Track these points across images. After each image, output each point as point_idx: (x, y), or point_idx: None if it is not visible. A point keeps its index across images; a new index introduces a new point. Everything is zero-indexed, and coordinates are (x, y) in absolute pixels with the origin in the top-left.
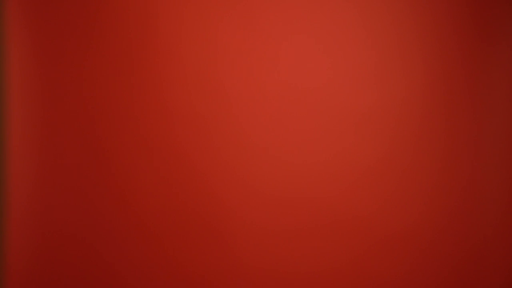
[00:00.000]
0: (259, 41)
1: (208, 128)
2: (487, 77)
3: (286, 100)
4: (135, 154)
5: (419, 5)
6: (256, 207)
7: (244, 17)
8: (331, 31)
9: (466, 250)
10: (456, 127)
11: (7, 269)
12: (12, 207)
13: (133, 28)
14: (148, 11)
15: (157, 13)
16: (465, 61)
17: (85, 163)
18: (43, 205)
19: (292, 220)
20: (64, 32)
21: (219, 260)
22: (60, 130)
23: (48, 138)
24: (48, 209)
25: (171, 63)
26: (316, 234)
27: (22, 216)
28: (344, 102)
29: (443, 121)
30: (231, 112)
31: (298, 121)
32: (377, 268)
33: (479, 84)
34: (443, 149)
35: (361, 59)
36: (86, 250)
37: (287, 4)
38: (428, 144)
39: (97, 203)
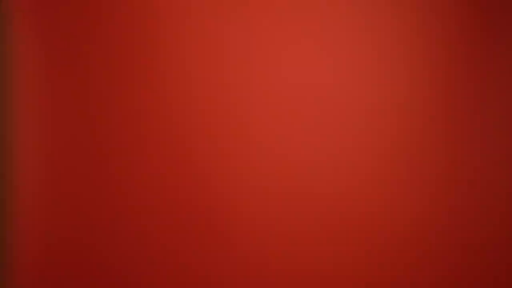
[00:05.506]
0: (262, 41)
1: (210, 127)
2: (492, 77)
3: (290, 99)
4: (138, 154)
5: (423, 5)
6: (260, 205)
7: (247, 17)
8: (333, 31)
9: (468, 249)
10: (460, 126)
11: (11, 270)
12: (17, 208)
13: (136, 27)
14: (152, 11)
15: (160, 13)
16: (469, 61)
17: (87, 162)
18: (48, 206)
19: (296, 219)
20: (66, 32)
21: (221, 259)
22: (63, 130)
23: (51, 138)
24: (51, 209)
25: (174, 62)
26: (319, 233)
27: (26, 217)
28: (348, 101)
29: (447, 120)
30: (234, 111)
31: (302, 120)
32: (380, 267)
33: (483, 84)
34: (446, 148)
35: (364, 59)
36: (86, 250)
37: (290, 5)
38: (431, 143)
39: (98, 202)
